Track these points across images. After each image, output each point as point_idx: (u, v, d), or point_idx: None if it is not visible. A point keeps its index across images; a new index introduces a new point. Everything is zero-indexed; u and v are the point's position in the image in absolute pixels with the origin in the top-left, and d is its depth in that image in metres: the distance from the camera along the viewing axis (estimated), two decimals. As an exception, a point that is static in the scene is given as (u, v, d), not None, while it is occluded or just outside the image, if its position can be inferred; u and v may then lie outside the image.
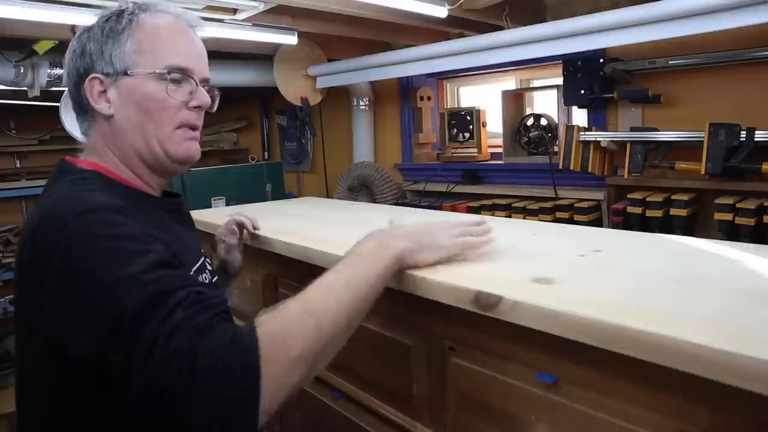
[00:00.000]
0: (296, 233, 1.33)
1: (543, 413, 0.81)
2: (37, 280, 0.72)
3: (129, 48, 0.86)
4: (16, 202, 3.78)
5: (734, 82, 1.95)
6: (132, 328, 0.62)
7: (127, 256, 0.68)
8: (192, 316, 0.64)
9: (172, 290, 0.66)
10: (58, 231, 0.70)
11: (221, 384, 0.60)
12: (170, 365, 0.60)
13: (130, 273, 0.66)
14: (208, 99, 0.92)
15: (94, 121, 0.89)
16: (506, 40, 2.15)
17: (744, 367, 0.54)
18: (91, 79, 0.86)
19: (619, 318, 0.65)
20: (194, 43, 0.92)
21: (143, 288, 0.65)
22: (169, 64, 0.86)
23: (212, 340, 0.62)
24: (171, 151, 0.89)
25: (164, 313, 0.63)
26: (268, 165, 3.75)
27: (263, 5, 2.03)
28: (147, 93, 0.86)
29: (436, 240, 0.93)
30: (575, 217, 2.24)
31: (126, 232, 0.71)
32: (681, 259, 0.97)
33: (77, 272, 0.68)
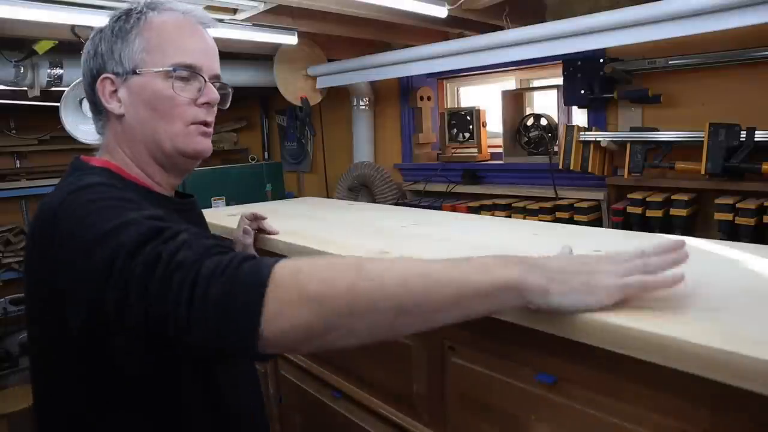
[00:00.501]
0: (296, 233, 1.33)
1: (543, 413, 0.81)
2: (38, 260, 0.74)
3: (137, 47, 0.86)
4: (16, 202, 3.78)
5: (734, 82, 1.95)
6: (129, 254, 0.61)
7: (121, 210, 0.69)
8: (197, 238, 0.64)
9: (169, 227, 0.66)
10: (54, 209, 0.72)
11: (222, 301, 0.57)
12: (172, 281, 0.58)
13: (127, 218, 0.67)
14: (216, 95, 0.92)
15: (108, 120, 0.91)
16: (506, 40, 2.15)
17: (744, 367, 0.54)
18: (103, 79, 0.88)
19: (619, 318, 0.65)
20: (203, 40, 0.92)
21: (140, 224, 0.65)
22: (176, 62, 0.87)
23: (221, 258, 0.60)
24: (181, 146, 0.89)
25: (167, 236, 0.64)
26: (268, 165, 3.75)
27: (263, 5, 2.03)
28: (155, 91, 0.86)
29: (592, 280, 0.66)
30: (575, 217, 2.24)
31: (119, 195, 0.73)
32: (681, 259, 0.97)
33: (72, 234, 0.68)
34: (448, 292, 0.61)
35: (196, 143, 0.91)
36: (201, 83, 0.89)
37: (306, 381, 1.40)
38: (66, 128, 2.49)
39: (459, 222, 1.52)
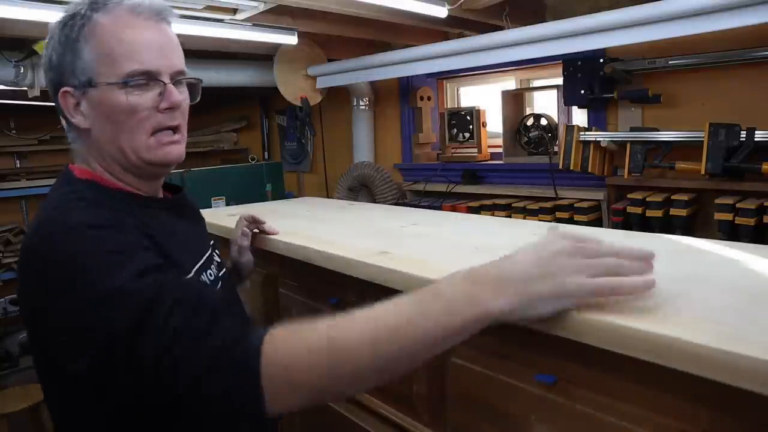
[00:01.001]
0: (296, 233, 1.33)
1: (543, 413, 0.81)
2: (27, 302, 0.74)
3: (87, 57, 0.80)
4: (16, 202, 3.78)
5: (734, 82, 1.95)
6: (129, 345, 0.62)
7: (107, 268, 0.67)
8: (188, 320, 0.64)
9: (159, 297, 0.65)
10: (45, 252, 0.70)
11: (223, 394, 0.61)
12: (176, 378, 0.61)
13: (114, 285, 0.65)
14: (178, 98, 0.85)
15: (77, 132, 0.87)
16: (506, 40, 2.15)
17: (744, 367, 0.54)
18: (63, 92, 0.83)
19: (619, 318, 0.65)
20: (157, 37, 0.84)
21: (130, 298, 0.64)
22: (130, 71, 0.80)
23: (214, 346, 0.62)
24: (147, 158, 0.84)
25: (158, 321, 0.63)
26: (268, 165, 3.75)
27: (263, 5, 2.03)
28: (112, 104, 0.81)
29: (557, 283, 0.64)
30: (575, 217, 2.24)
31: (104, 246, 0.69)
32: (681, 259, 0.97)
33: (61, 292, 0.68)
34: (421, 345, 0.64)
35: (165, 153, 0.85)
36: (161, 87, 0.83)
37: (306, 381, 1.40)
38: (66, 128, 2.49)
39: (459, 222, 1.52)
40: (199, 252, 0.96)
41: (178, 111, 0.86)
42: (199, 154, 4.40)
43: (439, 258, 1.04)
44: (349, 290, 1.20)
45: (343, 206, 1.92)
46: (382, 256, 1.05)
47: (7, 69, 2.44)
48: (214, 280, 0.95)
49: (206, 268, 0.94)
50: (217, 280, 0.97)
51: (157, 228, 0.83)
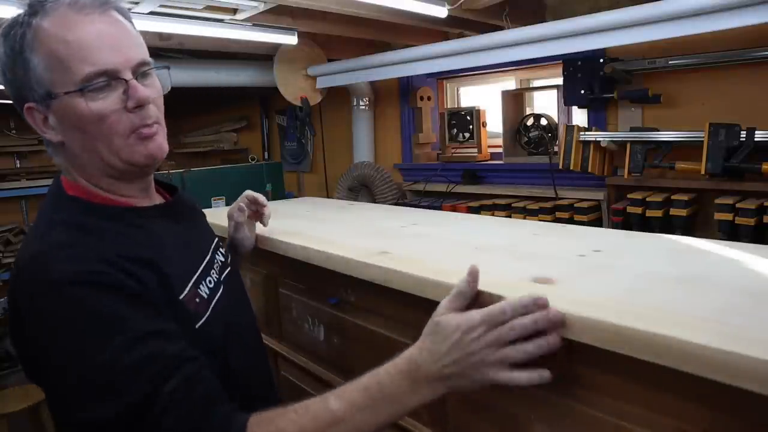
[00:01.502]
0: (296, 233, 1.33)
1: (543, 413, 0.81)
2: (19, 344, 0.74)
3: (38, 68, 0.75)
4: (16, 202, 3.78)
5: (734, 82, 1.95)
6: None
7: (96, 339, 0.67)
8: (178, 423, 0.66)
9: (154, 390, 0.66)
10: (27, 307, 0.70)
11: None
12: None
13: (108, 359, 0.66)
14: (145, 93, 0.78)
15: (53, 148, 0.83)
16: (506, 40, 2.15)
17: (744, 367, 0.54)
18: (28, 109, 0.78)
19: (619, 318, 0.65)
20: (104, 30, 0.76)
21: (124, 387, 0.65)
22: (84, 74, 0.74)
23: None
24: (128, 158, 0.80)
25: (151, 421, 0.65)
26: (268, 165, 3.75)
27: (263, 5, 2.03)
28: (77, 114, 0.75)
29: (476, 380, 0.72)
30: (575, 217, 2.24)
31: (93, 309, 0.68)
32: (681, 259, 0.97)
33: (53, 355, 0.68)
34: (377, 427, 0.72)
35: (145, 150, 0.81)
36: (123, 85, 0.77)
37: (306, 381, 1.40)
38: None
39: (459, 222, 1.52)
40: (198, 258, 0.92)
41: (151, 105, 0.80)
42: (199, 154, 4.40)
43: (439, 258, 1.04)
44: (349, 290, 1.20)
45: (343, 206, 1.92)
46: (382, 256, 1.05)
47: (7, 69, 2.44)
48: (213, 287, 0.91)
49: (206, 275, 0.90)
50: (218, 285, 0.93)
51: (147, 243, 0.80)
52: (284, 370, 1.50)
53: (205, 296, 0.87)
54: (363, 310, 1.17)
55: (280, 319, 1.49)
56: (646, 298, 0.74)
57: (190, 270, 0.87)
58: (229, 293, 0.95)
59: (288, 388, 1.47)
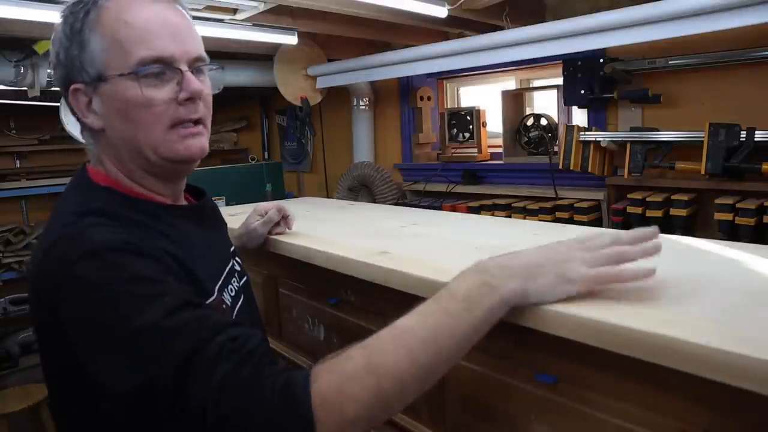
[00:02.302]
0: (296, 233, 1.33)
1: (543, 413, 0.81)
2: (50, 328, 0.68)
3: (96, 48, 0.73)
4: (16, 202, 3.78)
5: (734, 82, 1.95)
6: (174, 398, 0.58)
7: (140, 301, 0.62)
8: (235, 371, 0.59)
9: (203, 343, 0.60)
10: (62, 277, 0.65)
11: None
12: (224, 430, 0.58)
13: (150, 322, 0.61)
14: (199, 86, 0.77)
15: (91, 134, 0.80)
16: (506, 40, 2.15)
17: (744, 367, 0.54)
18: (73, 90, 0.76)
19: (619, 318, 0.65)
20: (170, 21, 0.76)
21: (171, 344, 0.60)
22: (141, 58, 0.73)
23: (261, 399, 0.58)
24: (168, 155, 0.77)
25: (205, 372, 0.59)
26: (268, 165, 3.75)
27: (263, 5, 2.03)
28: (126, 98, 0.74)
29: (562, 272, 0.69)
30: (575, 217, 2.24)
31: (133, 273, 0.64)
32: (681, 259, 0.97)
33: (93, 322, 0.63)
34: (451, 343, 0.65)
35: (185, 148, 0.78)
36: (178, 76, 0.75)
37: (306, 381, 1.40)
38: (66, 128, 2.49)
39: (459, 222, 1.52)
40: (222, 264, 0.90)
41: (200, 102, 0.79)
42: (199, 154, 4.39)
43: (439, 258, 1.04)
44: (349, 290, 1.20)
45: (343, 206, 1.92)
46: (382, 256, 1.05)
47: (7, 69, 2.44)
48: (235, 295, 0.89)
49: (228, 282, 0.88)
50: (239, 294, 0.91)
51: (180, 242, 0.77)
52: (284, 370, 1.50)
53: (228, 303, 0.85)
54: (363, 310, 1.17)
55: (280, 319, 1.49)
56: (646, 297, 0.74)
57: (215, 276, 0.85)
58: (247, 302, 0.94)
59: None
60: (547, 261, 0.70)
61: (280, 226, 1.31)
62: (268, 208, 1.32)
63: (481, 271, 0.69)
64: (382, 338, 0.64)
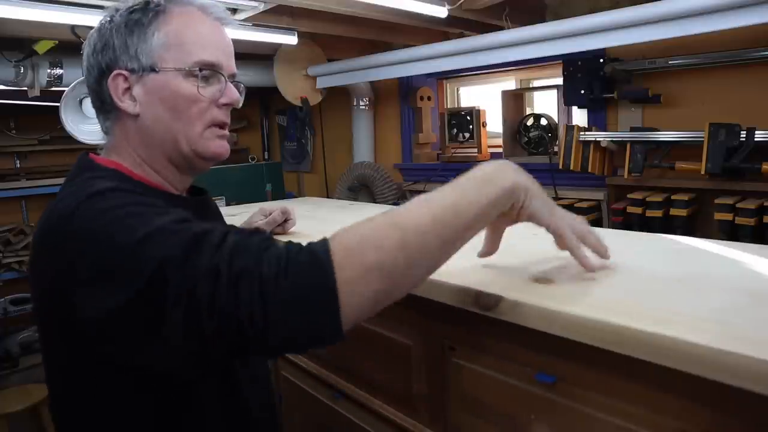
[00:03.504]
0: (296, 233, 1.33)
1: (543, 413, 0.81)
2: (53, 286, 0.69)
3: (156, 42, 0.81)
4: (16, 202, 3.78)
5: (734, 82, 1.95)
6: (180, 266, 0.59)
7: (146, 216, 0.65)
8: (246, 238, 0.62)
9: (209, 230, 0.63)
10: (65, 217, 0.68)
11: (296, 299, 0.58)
12: (239, 290, 0.57)
13: (157, 225, 0.63)
14: (238, 96, 0.89)
15: (118, 119, 0.84)
16: (506, 40, 2.15)
17: (744, 367, 0.54)
18: (116, 75, 0.82)
19: (619, 318, 0.65)
20: (223, 37, 0.89)
21: (176, 235, 0.62)
22: (198, 60, 0.82)
23: (277, 252, 0.60)
24: (200, 150, 0.85)
25: (214, 241, 0.60)
26: (268, 165, 3.75)
27: (263, 5, 2.03)
28: (176, 90, 0.82)
29: (554, 206, 0.82)
30: (575, 217, 2.24)
31: (138, 200, 0.69)
32: (681, 259, 0.97)
33: (92, 243, 0.64)
34: (473, 211, 0.69)
35: (216, 146, 0.87)
36: (222, 83, 0.86)
37: (306, 381, 1.40)
38: (66, 128, 2.49)
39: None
40: None
41: (230, 110, 0.89)
42: (199, 154, 4.39)
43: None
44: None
45: (343, 206, 1.92)
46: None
47: (7, 69, 2.44)
48: None
49: None
50: None
51: None
52: (284, 370, 1.50)
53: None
54: (363, 310, 1.17)
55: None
56: (646, 298, 0.74)
57: None
58: None
59: (288, 388, 1.47)
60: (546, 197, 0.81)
61: (281, 227, 1.33)
62: (272, 209, 1.34)
63: (496, 164, 0.77)
64: (407, 204, 0.68)
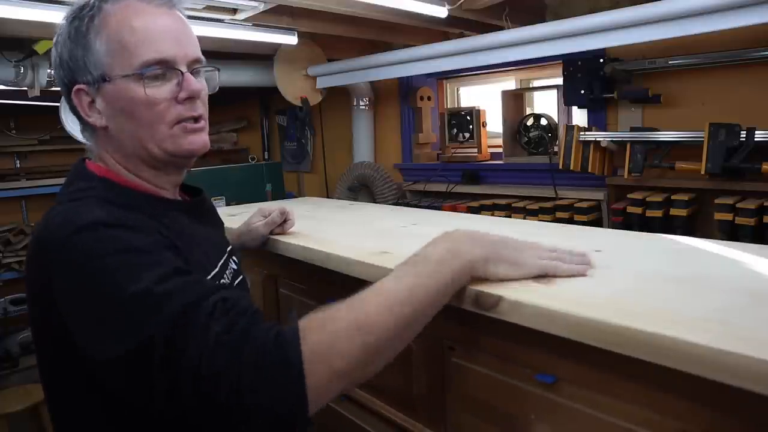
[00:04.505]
0: (296, 233, 1.33)
1: (543, 413, 0.81)
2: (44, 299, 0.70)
3: (100, 50, 0.77)
4: (16, 202, 3.78)
5: (734, 82, 1.95)
6: (167, 355, 0.60)
7: (134, 269, 0.65)
8: (227, 329, 0.61)
9: (195, 303, 0.63)
10: (57, 250, 0.68)
11: (268, 400, 0.60)
12: (218, 386, 0.59)
13: (144, 288, 0.63)
14: (197, 86, 0.82)
15: (93, 132, 0.84)
16: (506, 40, 2.15)
17: (744, 367, 0.54)
18: (77, 90, 0.80)
19: (619, 318, 0.65)
20: (171, 25, 0.81)
21: (165, 305, 0.62)
22: (145, 60, 0.77)
23: (254, 350, 0.60)
24: (172, 150, 0.82)
25: (197, 330, 0.61)
26: (268, 165, 3.75)
27: (263, 5, 2.03)
28: (131, 97, 0.78)
29: (518, 255, 0.80)
30: (575, 217, 2.24)
31: (128, 245, 0.67)
32: (681, 259, 0.97)
33: (86, 292, 0.65)
34: (427, 302, 0.71)
35: (188, 143, 0.83)
36: (178, 77, 0.80)
37: (306, 381, 1.40)
38: (66, 128, 2.49)
39: (459, 222, 1.52)
40: (217, 257, 0.92)
41: (199, 101, 0.84)
42: (199, 154, 4.39)
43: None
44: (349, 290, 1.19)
45: (343, 206, 1.92)
46: (382, 256, 1.05)
47: (7, 69, 2.44)
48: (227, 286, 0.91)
49: (220, 277, 0.90)
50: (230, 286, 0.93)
51: (174, 230, 0.79)
52: (284, 370, 1.50)
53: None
54: (363, 310, 1.17)
55: (280, 319, 1.49)
56: (647, 298, 0.74)
57: (208, 267, 0.87)
58: None
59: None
60: (505, 244, 0.81)
61: (280, 228, 1.33)
62: (272, 209, 1.33)
63: (449, 239, 0.78)
64: (365, 298, 0.68)
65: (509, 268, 0.79)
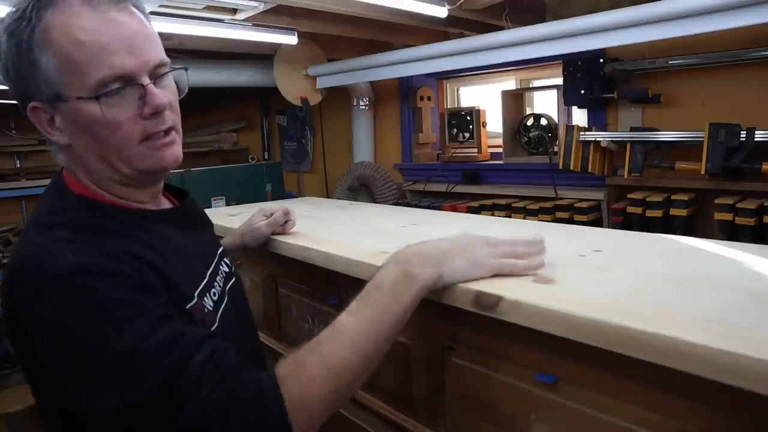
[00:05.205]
0: (296, 233, 1.33)
1: (543, 413, 0.81)
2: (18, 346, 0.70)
3: (48, 68, 0.69)
4: (16, 202, 3.78)
5: (734, 82, 1.95)
6: (158, 419, 0.62)
7: (116, 324, 0.63)
8: (216, 388, 0.64)
9: (183, 362, 0.63)
10: (29, 301, 0.66)
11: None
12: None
13: (130, 344, 0.62)
14: (163, 100, 0.74)
15: (60, 149, 0.79)
16: (506, 40, 2.15)
17: (744, 367, 0.54)
18: (32, 108, 0.73)
19: (619, 318, 0.65)
20: (121, 32, 0.71)
21: (153, 366, 0.62)
22: (99, 78, 0.69)
23: (244, 408, 0.64)
24: (141, 167, 0.76)
25: (189, 391, 0.62)
26: (268, 165, 3.75)
27: (263, 5, 2.03)
28: (89, 119, 0.71)
29: (471, 260, 0.81)
30: (575, 217, 2.24)
31: (105, 298, 0.64)
32: (681, 259, 0.97)
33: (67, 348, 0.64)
34: (386, 329, 0.74)
35: (159, 159, 0.77)
36: (140, 91, 0.72)
37: (306, 381, 1.40)
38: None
39: (459, 222, 1.52)
40: (204, 267, 0.88)
41: (167, 111, 0.76)
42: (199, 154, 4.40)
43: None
44: (349, 290, 1.19)
45: (343, 206, 1.92)
46: (382, 256, 1.05)
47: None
48: (218, 299, 0.87)
49: (211, 286, 0.87)
50: (222, 296, 0.89)
51: (156, 248, 0.76)
52: (284, 370, 1.50)
53: (210, 308, 0.83)
54: (363, 310, 1.17)
55: (280, 319, 1.49)
56: (646, 298, 0.74)
57: (195, 280, 0.83)
58: (233, 304, 0.92)
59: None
60: (454, 249, 0.83)
61: (282, 228, 1.32)
62: (274, 209, 1.32)
63: (400, 262, 0.79)
64: (328, 340, 0.72)
65: (464, 273, 0.81)
